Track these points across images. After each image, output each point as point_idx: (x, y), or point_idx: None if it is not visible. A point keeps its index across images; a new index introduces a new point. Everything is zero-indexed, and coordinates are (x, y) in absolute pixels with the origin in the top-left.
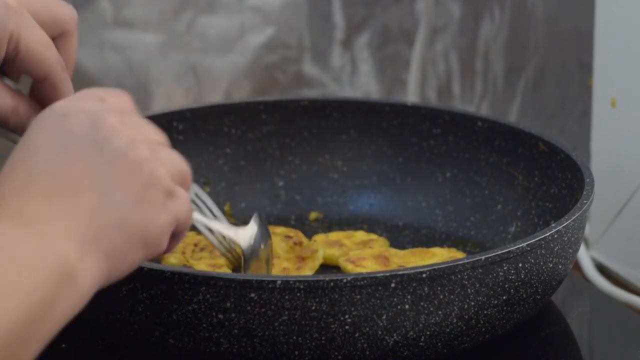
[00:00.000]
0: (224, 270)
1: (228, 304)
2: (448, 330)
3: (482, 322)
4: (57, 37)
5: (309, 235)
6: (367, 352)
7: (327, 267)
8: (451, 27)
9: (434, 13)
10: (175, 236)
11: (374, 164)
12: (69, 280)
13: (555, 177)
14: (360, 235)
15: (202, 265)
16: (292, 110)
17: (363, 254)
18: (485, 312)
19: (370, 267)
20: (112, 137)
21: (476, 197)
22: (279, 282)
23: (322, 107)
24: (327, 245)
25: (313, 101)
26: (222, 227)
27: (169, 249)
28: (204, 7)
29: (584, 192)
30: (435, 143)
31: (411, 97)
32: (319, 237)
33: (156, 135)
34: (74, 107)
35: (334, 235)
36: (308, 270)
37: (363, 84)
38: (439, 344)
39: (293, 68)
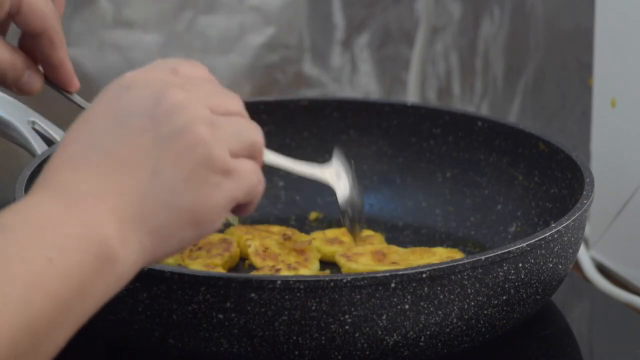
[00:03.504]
0: (219, 270)
1: (228, 304)
2: (448, 330)
3: (482, 322)
4: None
5: (308, 235)
6: (367, 352)
7: (327, 263)
8: (451, 27)
9: (434, 13)
10: (245, 206)
11: (374, 164)
12: (108, 264)
13: (555, 177)
14: None
15: (197, 265)
16: (292, 110)
17: (363, 250)
18: (485, 312)
19: (365, 262)
20: (172, 115)
21: (476, 197)
22: (279, 282)
23: (322, 107)
24: (327, 243)
25: (313, 101)
26: (307, 168)
27: (245, 213)
28: (204, 7)
29: (584, 192)
30: (435, 143)
31: (411, 97)
32: (317, 235)
33: (229, 105)
34: (141, 79)
35: (331, 233)
36: (315, 261)
37: (363, 84)
38: (439, 344)
39: (293, 68)
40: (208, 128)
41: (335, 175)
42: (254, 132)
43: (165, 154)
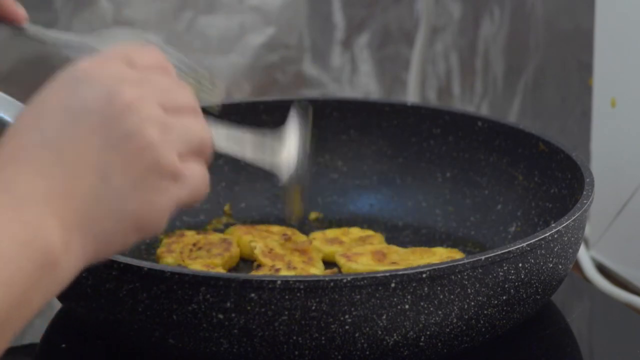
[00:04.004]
0: (219, 270)
1: (228, 304)
2: (448, 330)
3: (482, 322)
4: None
5: (308, 235)
6: (367, 352)
7: (327, 263)
8: (451, 27)
9: (434, 13)
10: (188, 206)
11: (374, 164)
12: (50, 271)
13: (555, 177)
14: (356, 231)
15: (198, 265)
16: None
17: (363, 250)
18: (485, 312)
19: (365, 262)
20: (122, 116)
21: (476, 197)
22: (279, 282)
23: (322, 107)
24: (327, 243)
25: (313, 101)
26: (253, 151)
27: (185, 208)
28: (204, 7)
29: (584, 192)
30: (435, 143)
31: (411, 97)
32: (316, 235)
33: (181, 100)
34: (95, 72)
35: (331, 233)
36: (319, 260)
37: (363, 84)
38: (439, 344)
39: (293, 68)
40: (157, 130)
41: (285, 151)
42: (203, 131)
43: (114, 158)
